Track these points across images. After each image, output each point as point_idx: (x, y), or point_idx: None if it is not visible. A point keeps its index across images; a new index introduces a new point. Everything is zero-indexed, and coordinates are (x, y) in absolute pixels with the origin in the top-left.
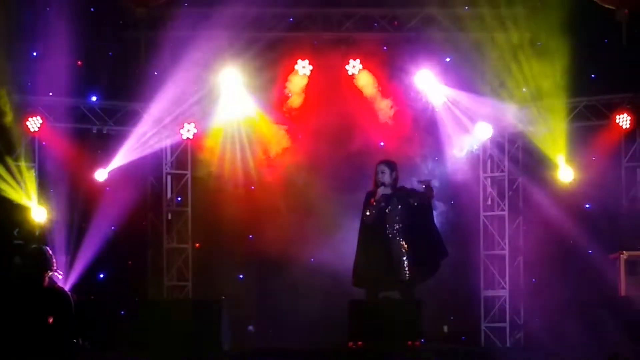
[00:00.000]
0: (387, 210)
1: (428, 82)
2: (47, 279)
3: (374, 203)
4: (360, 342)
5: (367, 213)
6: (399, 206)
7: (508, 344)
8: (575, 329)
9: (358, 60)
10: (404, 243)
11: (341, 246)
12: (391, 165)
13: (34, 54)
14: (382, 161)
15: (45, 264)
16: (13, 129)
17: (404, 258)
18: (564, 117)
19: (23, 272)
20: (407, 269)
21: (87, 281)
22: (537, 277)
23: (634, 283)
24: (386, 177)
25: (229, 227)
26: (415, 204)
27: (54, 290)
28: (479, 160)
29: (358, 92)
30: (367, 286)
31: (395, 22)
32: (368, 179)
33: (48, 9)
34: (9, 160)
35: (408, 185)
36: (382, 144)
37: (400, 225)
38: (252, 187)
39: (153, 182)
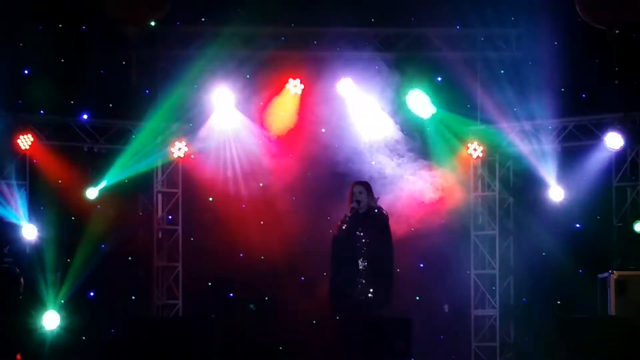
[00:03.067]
0: (357, 231)
1: (419, 102)
2: None
3: (346, 219)
4: None
5: (338, 225)
6: (367, 227)
7: None
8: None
9: (349, 79)
10: (365, 264)
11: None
12: (366, 185)
13: (25, 72)
14: (357, 182)
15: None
16: None
17: (363, 279)
18: (555, 137)
19: None
20: (365, 289)
21: (77, 299)
22: (528, 297)
23: (624, 303)
24: (363, 197)
25: (219, 245)
26: (377, 224)
27: None
28: (469, 179)
29: (349, 111)
30: (338, 305)
31: (387, 42)
32: None
33: (40, 28)
34: None
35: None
36: (373, 162)
37: (365, 246)
38: (243, 206)
39: (144, 200)
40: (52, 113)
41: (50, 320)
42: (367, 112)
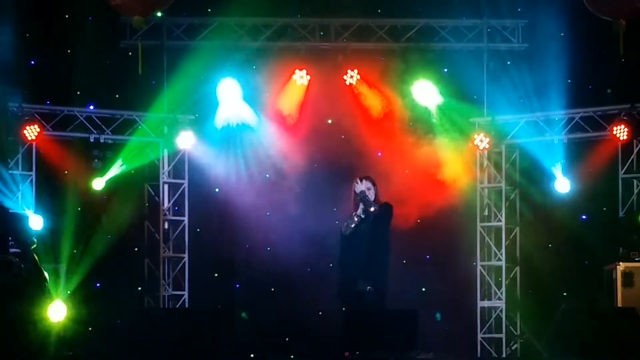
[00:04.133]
0: (364, 226)
1: (425, 92)
2: None
3: (354, 217)
4: (357, 352)
5: (345, 224)
6: (373, 221)
7: (504, 355)
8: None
9: (356, 71)
10: (371, 256)
11: (337, 255)
12: (372, 180)
13: (32, 62)
14: (365, 177)
15: None
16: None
17: (369, 271)
18: (561, 128)
19: None
20: (370, 280)
21: (84, 290)
22: (534, 288)
23: (630, 294)
24: (370, 193)
25: (226, 236)
26: (383, 218)
27: None
28: (476, 171)
29: (355, 102)
30: (344, 297)
31: (393, 33)
32: None
33: (46, 19)
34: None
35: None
36: (379, 154)
37: (372, 240)
38: (250, 197)
39: (150, 191)
40: (58, 104)
41: (57, 311)
42: (373, 103)
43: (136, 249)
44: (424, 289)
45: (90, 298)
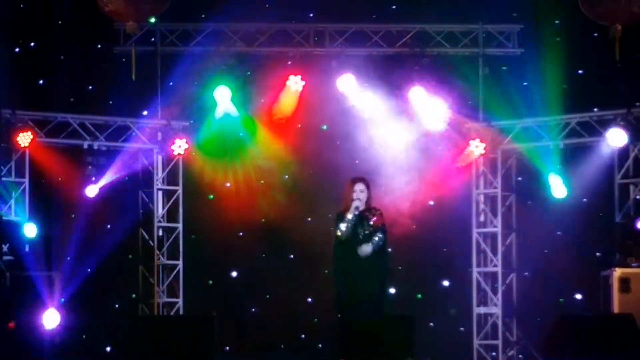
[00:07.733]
0: (359, 229)
1: (420, 98)
2: None
3: (349, 217)
4: (352, 359)
5: (343, 228)
6: (368, 225)
7: None
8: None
9: (350, 76)
10: (367, 261)
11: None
12: (367, 183)
13: (26, 69)
14: (359, 179)
15: None
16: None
17: (365, 275)
18: (557, 134)
19: None
20: (367, 285)
21: (78, 297)
22: (530, 294)
23: (627, 300)
24: (364, 196)
25: (220, 243)
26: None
27: None
28: (471, 176)
29: (349, 108)
30: (341, 302)
31: (388, 38)
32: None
33: (40, 25)
34: None
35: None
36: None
37: (366, 239)
38: (244, 204)
39: (144, 197)
40: (51, 110)
41: (50, 319)
42: (368, 109)
43: (130, 256)
44: (419, 295)
45: (84, 306)
